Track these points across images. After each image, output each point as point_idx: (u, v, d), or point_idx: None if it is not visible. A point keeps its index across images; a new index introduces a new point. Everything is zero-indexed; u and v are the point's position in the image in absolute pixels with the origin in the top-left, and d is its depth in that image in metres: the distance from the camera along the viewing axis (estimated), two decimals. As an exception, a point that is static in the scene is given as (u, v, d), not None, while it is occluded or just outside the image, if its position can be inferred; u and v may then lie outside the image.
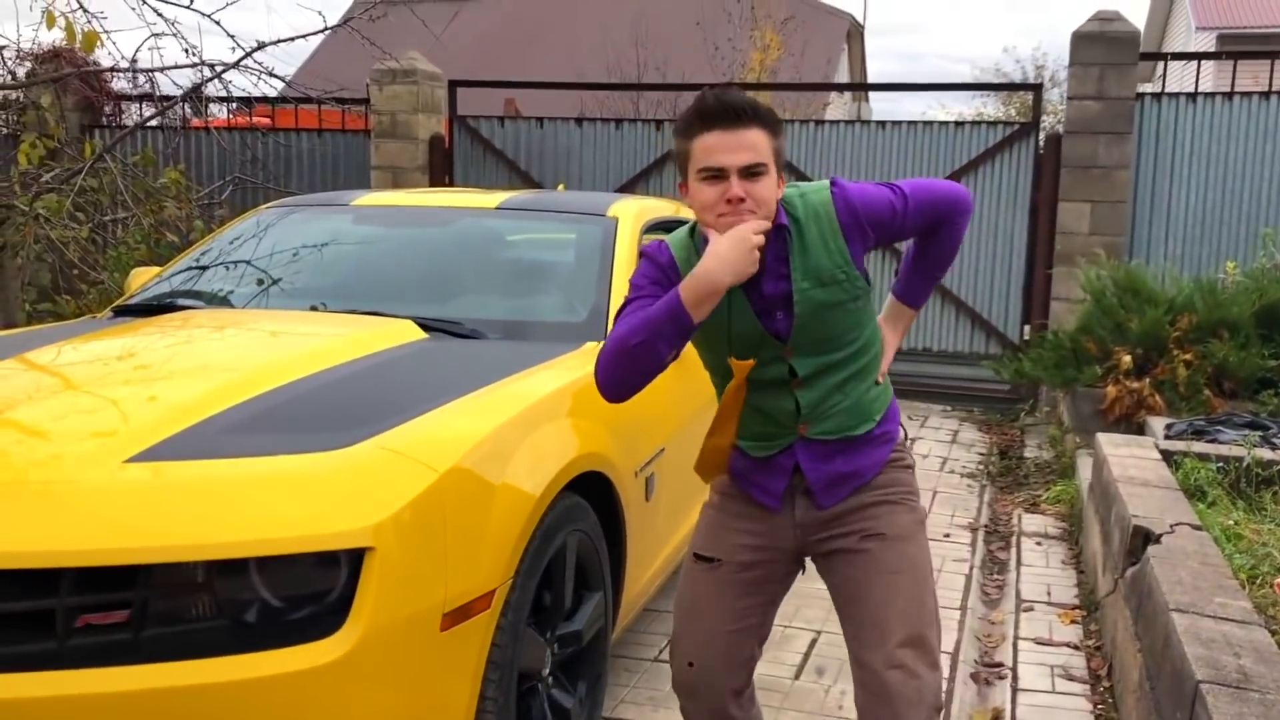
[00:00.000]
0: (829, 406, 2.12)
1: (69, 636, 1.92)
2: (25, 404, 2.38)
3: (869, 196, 2.10)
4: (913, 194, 2.13)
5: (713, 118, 1.99)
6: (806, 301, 2.05)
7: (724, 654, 2.19)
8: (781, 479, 2.17)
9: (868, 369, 2.16)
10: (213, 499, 2.00)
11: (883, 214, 2.10)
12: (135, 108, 9.36)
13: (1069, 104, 7.27)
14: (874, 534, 2.13)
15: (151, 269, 3.90)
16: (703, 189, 2.01)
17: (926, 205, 2.14)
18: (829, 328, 2.07)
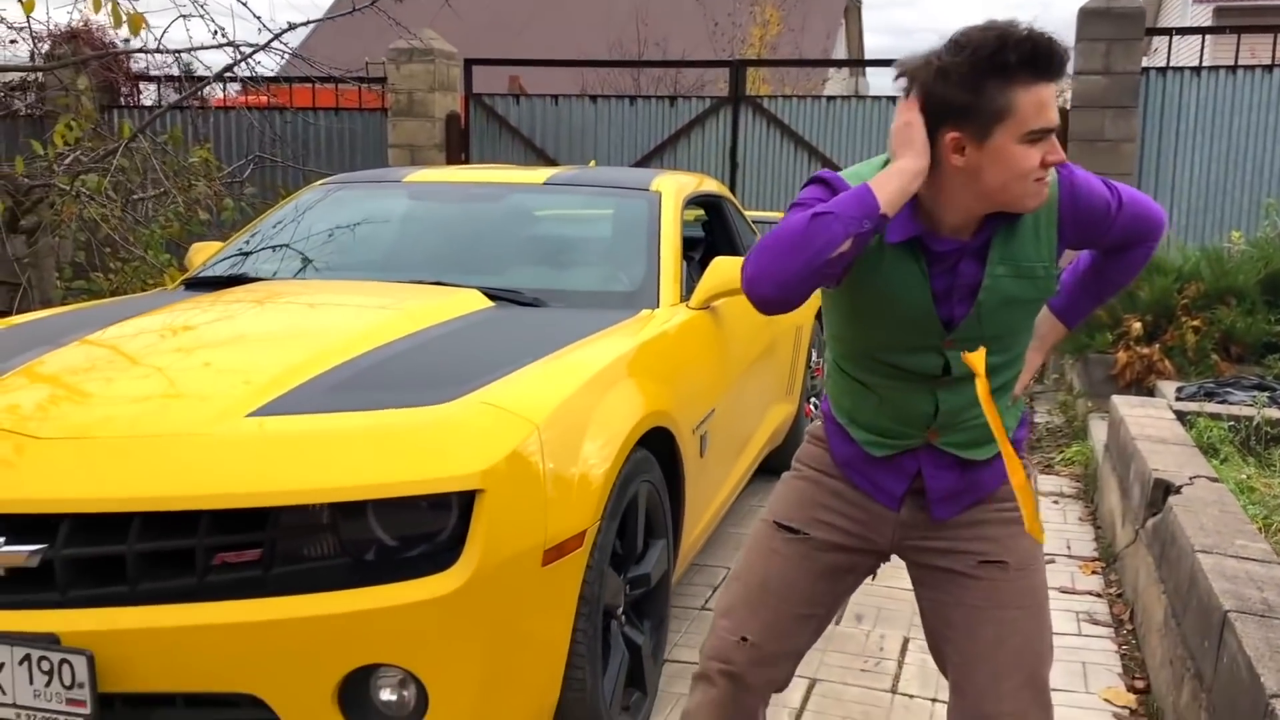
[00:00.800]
0: (968, 417, 1.90)
1: (207, 573, 2.11)
2: (145, 365, 2.57)
3: (1093, 190, 1.85)
4: (1128, 202, 1.89)
5: (1046, 67, 1.66)
6: (995, 291, 1.80)
7: (784, 638, 1.97)
8: (903, 481, 1.94)
9: (1013, 382, 1.94)
10: (332, 448, 2.19)
11: (1097, 212, 1.85)
12: (153, 88, 9.48)
13: (1075, 79, 7.45)
14: (993, 560, 1.91)
15: (211, 244, 4.07)
16: (1027, 152, 1.68)
17: (1136, 217, 1.91)
18: (1004, 325, 1.84)
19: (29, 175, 6.20)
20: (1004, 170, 1.69)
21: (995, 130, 1.67)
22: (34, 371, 2.62)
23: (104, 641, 2.04)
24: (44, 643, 2.03)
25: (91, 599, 2.09)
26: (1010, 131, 1.67)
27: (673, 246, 3.62)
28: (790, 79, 16.37)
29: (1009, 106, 1.65)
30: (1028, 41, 1.63)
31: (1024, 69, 1.64)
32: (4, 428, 2.31)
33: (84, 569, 2.12)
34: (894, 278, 1.79)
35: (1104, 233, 1.88)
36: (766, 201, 8.24)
